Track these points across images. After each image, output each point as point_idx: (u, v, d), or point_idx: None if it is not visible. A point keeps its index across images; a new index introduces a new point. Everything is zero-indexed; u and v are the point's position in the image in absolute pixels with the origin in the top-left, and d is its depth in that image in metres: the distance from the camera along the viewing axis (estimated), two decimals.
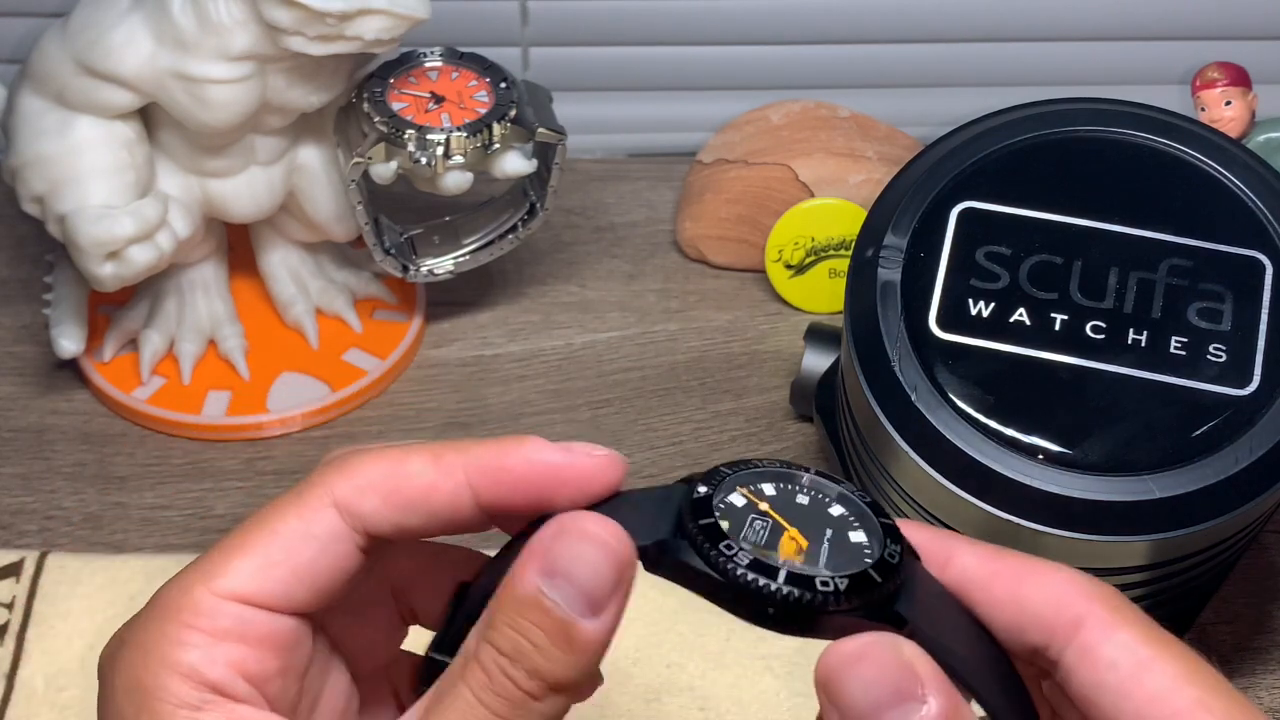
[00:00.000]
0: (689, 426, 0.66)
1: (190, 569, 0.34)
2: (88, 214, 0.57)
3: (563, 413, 0.66)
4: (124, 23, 0.57)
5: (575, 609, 0.31)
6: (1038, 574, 0.34)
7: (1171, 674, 0.32)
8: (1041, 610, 0.33)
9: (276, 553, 0.33)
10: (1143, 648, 0.32)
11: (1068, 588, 0.33)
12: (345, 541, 0.34)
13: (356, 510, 0.34)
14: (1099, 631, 0.33)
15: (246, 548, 0.34)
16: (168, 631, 0.33)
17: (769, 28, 0.76)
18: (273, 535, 0.34)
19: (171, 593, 0.34)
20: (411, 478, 0.34)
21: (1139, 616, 0.33)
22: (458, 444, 0.34)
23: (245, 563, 0.33)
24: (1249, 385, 0.50)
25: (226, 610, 0.33)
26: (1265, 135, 0.67)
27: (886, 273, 0.52)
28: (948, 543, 0.34)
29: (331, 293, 0.69)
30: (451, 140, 0.60)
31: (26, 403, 0.66)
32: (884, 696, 0.31)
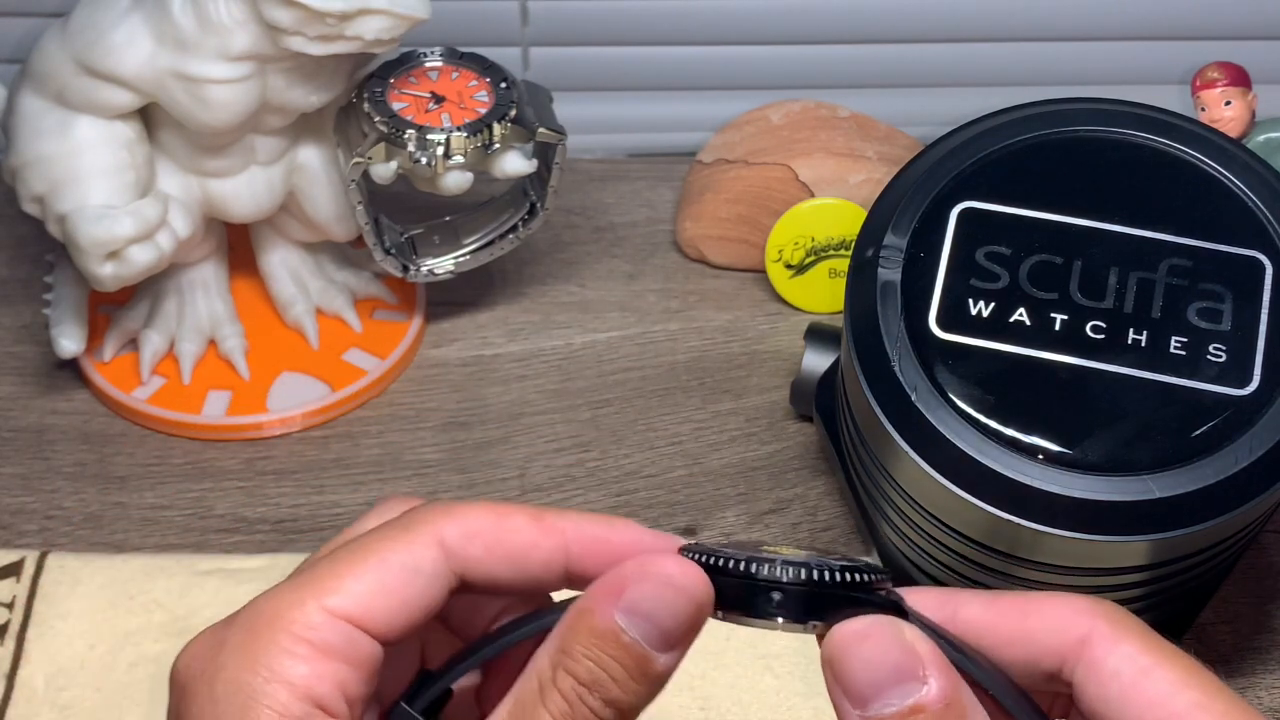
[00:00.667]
0: (689, 426, 0.66)
1: (300, 582, 0.34)
2: (88, 214, 0.57)
3: (562, 412, 0.66)
4: (124, 23, 0.57)
5: (653, 645, 0.33)
6: (1039, 605, 0.35)
7: (1170, 679, 0.33)
8: (1048, 638, 0.34)
9: (389, 581, 0.34)
10: (1143, 656, 0.33)
11: (1069, 611, 0.34)
12: (443, 582, 0.35)
13: (460, 554, 0.35)
14: (1103, 646, 0.34)
15: (358, 571, 0.34)
16: (279, 641, 0.33)
17: (769, 28, 0.76)
18: (383, 563, 0.34)
19: (281, 604, 0.34)
20: (515, 533, 0.35)
21: (1140, 628, 0.34)
22: (556, 510, 0.36)
23: (358, 585, 0.34)
24: (1249, 385, 0.50)
25: (338, 629, 0.33)
26: (1265, 135, 0.67)
27: (886, 273, 0.52)
28: (949, 598, 0.35)
29: (331, 292, 0.69)
30: (452, 140, 0.60)
31: (27, 402, 0.66)
32: (885, 675, 0.32)
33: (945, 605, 0.35)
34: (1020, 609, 0.35)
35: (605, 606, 0.33)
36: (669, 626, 0.33)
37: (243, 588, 0.58)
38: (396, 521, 0.35)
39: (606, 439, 0.65)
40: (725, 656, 0.56)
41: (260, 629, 0.33)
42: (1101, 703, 0.34)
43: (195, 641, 0.35)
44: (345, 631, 0.33)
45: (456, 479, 0.63)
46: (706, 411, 0.66)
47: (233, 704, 0.33)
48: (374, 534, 0.35)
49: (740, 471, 0.64)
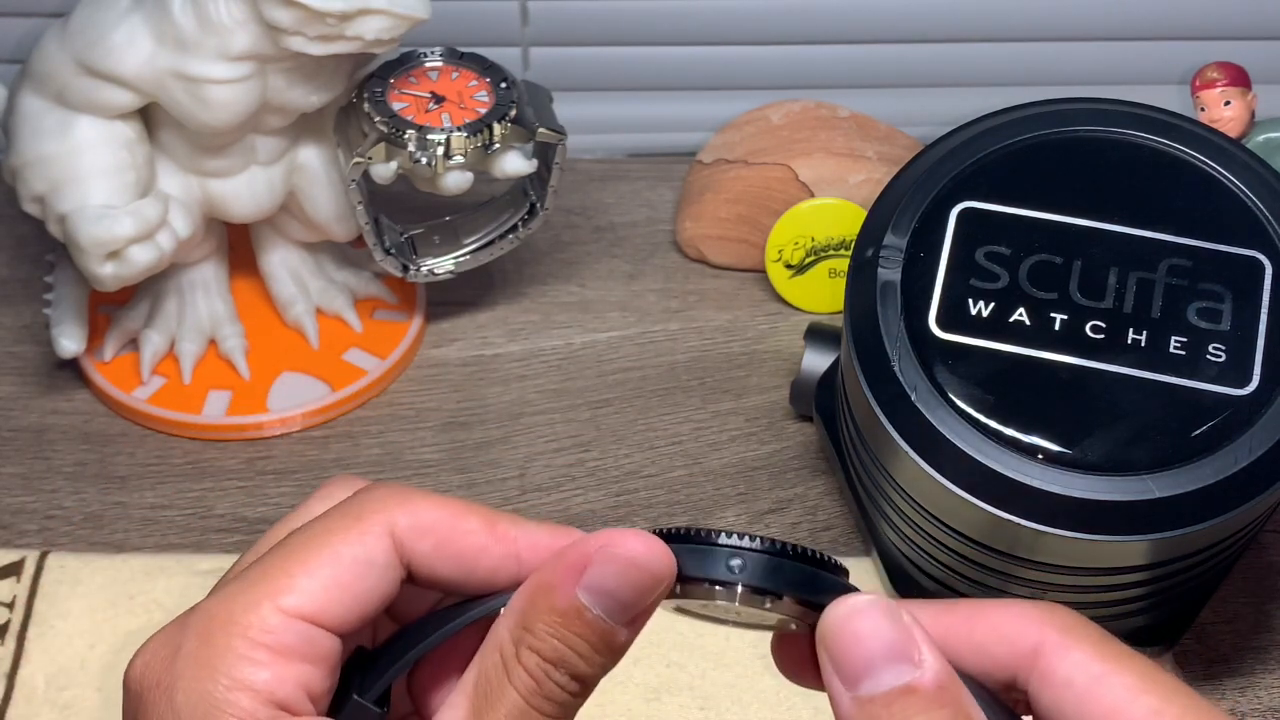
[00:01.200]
0: (689, 426, 0.66)
1: (251, 580, 0.34)
2: (88, 214, 0.57)
3: (562, 412, 0.66)
4: (124, 23, 0.57)
5: (617, 620, 0.33)
6: (989, 613, 0.34)
7: (1126, 685, 0.32)
8: (998, 649, 0.34)
9: (342, 575, 0.34)
10: (1096, 663, 0.33)
11: (1019, 620, 0.34)
12: (395, 573, 0.34)
13: (410, 548, 0.34)
14: (1055, 655, 0.33)
15: (310, 568, 0.33)
16: (236, 646, 0.33)
17: (769, 28, 0.76)
18: (335, 557, 0.34)
19: (235, 606, 0.33)
20: (467, 535, 0.35)
21: (1093, 633, 0.34)
22: (510, 516, 0.36)
23: (311, 582, 0.33)
24: (1248, 385, 0.50)
25: (294, 629, 0.33)
26: (1265, 135, 0.67)
27: (886, 273, 0.53)
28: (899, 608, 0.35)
29: (332, 292, 0.69)
30: (452, 140, 0.60)
31: (27, 402, 0.66)
32: (879, 653, 0.32)
33: None
34: (969, 620, 0.34)
35: (567, 584, 0.33)
36: (631, 601, 0.33)
37: None
38: (347, 508, 0.35)
39: (606, 439, 0.65)
40: (725, 656, 0.56)
41: (215, 634, 0.33)
42: (1057, 713, 0.33)
43: (147, 647, 0.34)
44: (302, 631, 0.33)
45: (456, 479, 0.63)
46: (706, 411, 0.66)
47: (195, 713, 0.33)
48: (324, 523, 0.34)
49: (740, 471, 0.64)
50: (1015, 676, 0.34)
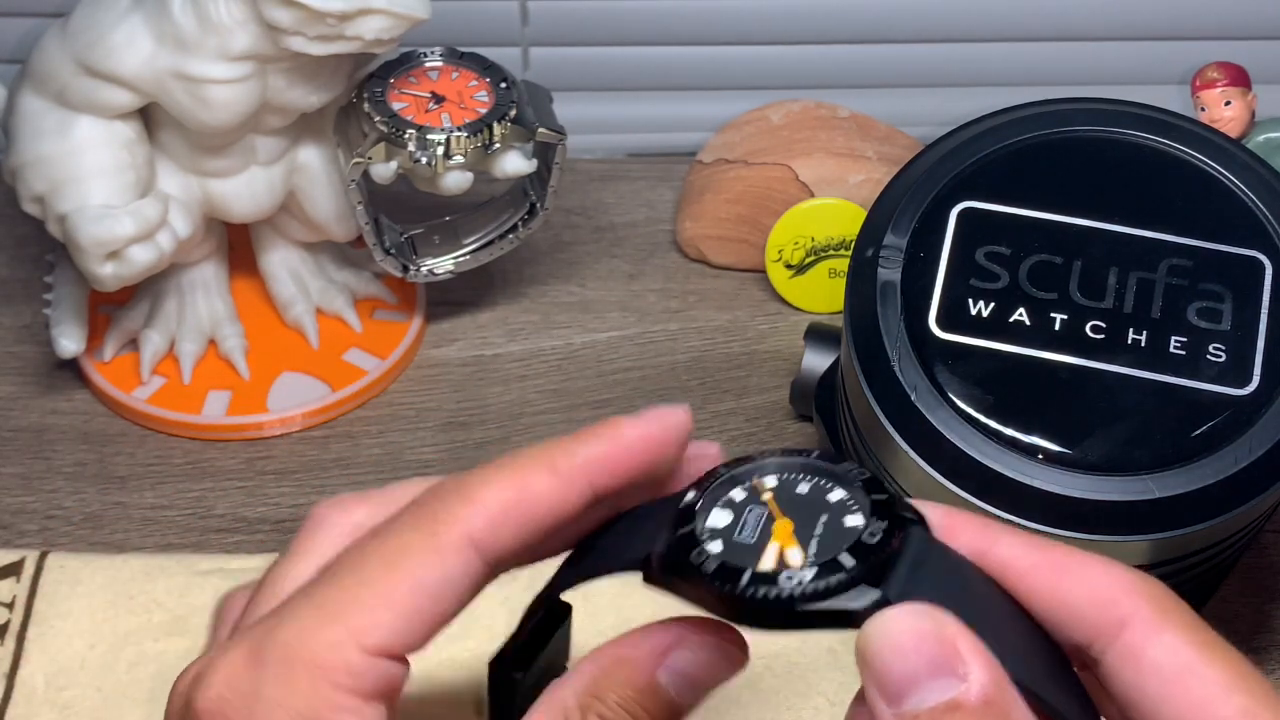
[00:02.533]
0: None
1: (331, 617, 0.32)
2: (88, 214, 0.57)
3: (563, 412, 0.66)
4: (124, 23, 0.57)
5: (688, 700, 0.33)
6: (1083, 568, 0.32)
7: (1217, 680, 0.31)
8: (1084, 607, 0.32)
9: (423, 606, 0.32)
10: (1189, 650, 0.31)
11: (1113, 584, 0.32)
12: (478, 579, 0.33)
13: (492, 546, 0.33)
14: (1144, 632, 0.31)
15: (392, 600, 0.32)
16: (323, 694, 0.31)
17: (769, 28, 0.76)
18: (417, 586, 0.32)
19: (318, 644, 0.31)
20: (540, 499, 0.33)
21: (1188, 617, 0.32)
22: (564, 447, 0.34)
23: (392, 617, 0.32)
24: (1248, 385, 0.50)
25: (376, 669, 0.31)
26: (1265, 135, 0.67)
27: (886, 273, 0.53)
28: (989, 531, 0.33)
29: (332, 292, 0.69)
30: (452, 140, 0.60)
31: (27, 402, 0.66)
32: (921, 668, 0.30)
33: (983, 536, 0.33)
34: (1060, 566, 0.32)
35: (649, 664, 0.32)
36: (710, 685, 0.33)
37: None
38: (418, 520, 0.33)
39: None
40: None
41: (299, 677, 0.31)
42: (1137, 693, 0.31)
43: (217, 677, 0.32)
44: (383, 669, 0.32)
45: None
46: (707, 412, 0.66)
47: None
48: (396, 543, 0.32)
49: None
50: (1094, 642, 0.32)
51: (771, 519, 0.33)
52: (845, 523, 0.33)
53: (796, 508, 0.34)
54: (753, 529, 0.33)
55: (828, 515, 0.33)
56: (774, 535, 0.33)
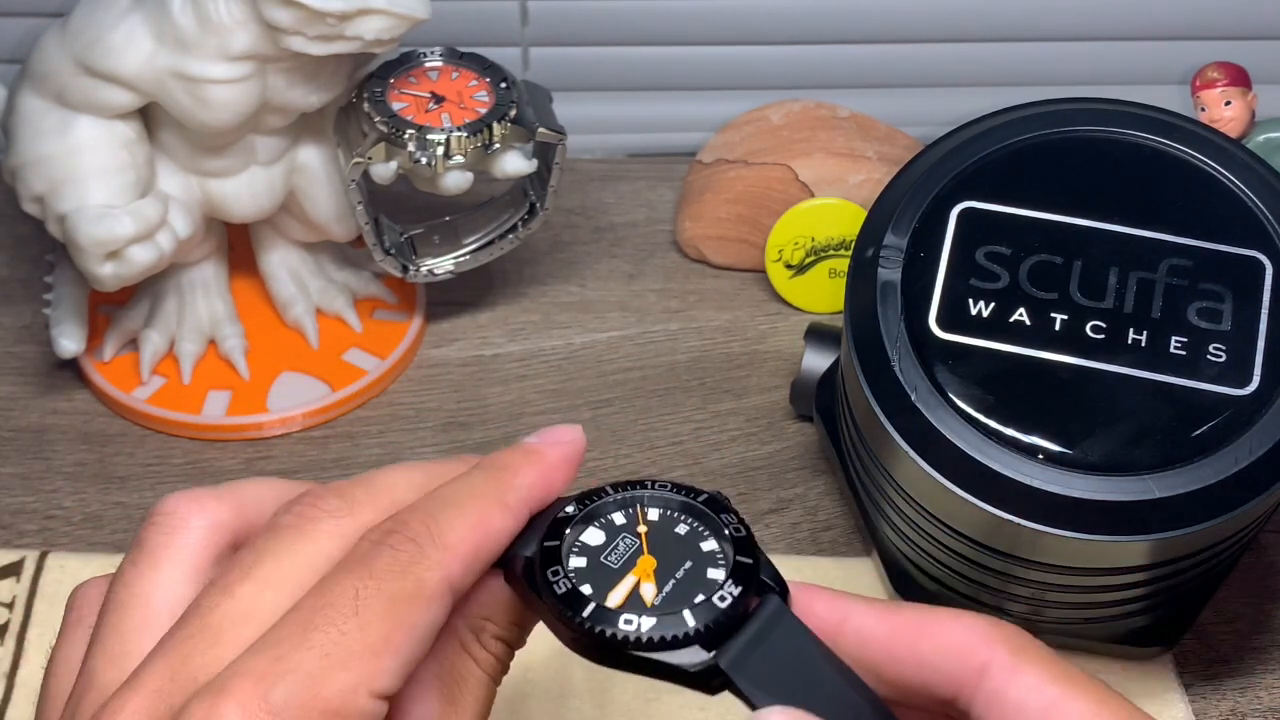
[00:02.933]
0: (689, 426, 0.66)
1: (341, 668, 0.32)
2: (88, 214, 0.57)
3: (563, 412, 0.66)
4: (124, 23, 0.57)
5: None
6: (936, 625, 0.33)
7: (1081, 713, 0.31)
8: (943, 662, 0.33)
9: (416, 651, 0.33)
10: (1049, 687, 0.32)
11: (967, 634, 0.33)
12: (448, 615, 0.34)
13: (463, 588, 0.34)
14: (1003, 676, 0.32)
15: (395, 647, 0.32)
16: None
17: (769, 28, 0.76)
18: (411, 632, 0.33)
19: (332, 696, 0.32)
20: (499, 535, 0.35)
21: (1045, 655, 0.32)
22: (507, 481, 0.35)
23: (394, 663, 0.32)
24: (1249, 385, 0.50)
25: (379, 711, 0.32)
26: (1265, 135, 0.67)
27: (886, 273, 0.52)
28: (841, 604, 0.34)
29: (331, 292, 0.69)
30: (452, 140, 0.60)
31: (27, 402, 0.66)
32: None
33: (835, 609, 0.34)
34: (915, 628, 0.33)
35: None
36: None
37: None
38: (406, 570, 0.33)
39: (607, 439, 0.65)
40: None
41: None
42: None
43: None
44: (381, 709, 0.32)
45: None
46: (706, 411, 0.66)
47: None
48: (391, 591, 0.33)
49: (740, 471, 0.64)
50: (958, 695, 0.33)
51: (640, 552, 0.34)
52: (706, 574, 0.34)
53: (666, 547, 0.34)
54: (620, 556, 0.34)
55: (692, 563, 0.34)
56: (636, 569, 0.34)
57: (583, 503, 0.35)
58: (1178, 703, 0.55)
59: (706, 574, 0.34)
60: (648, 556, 0.34)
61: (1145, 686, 0.56)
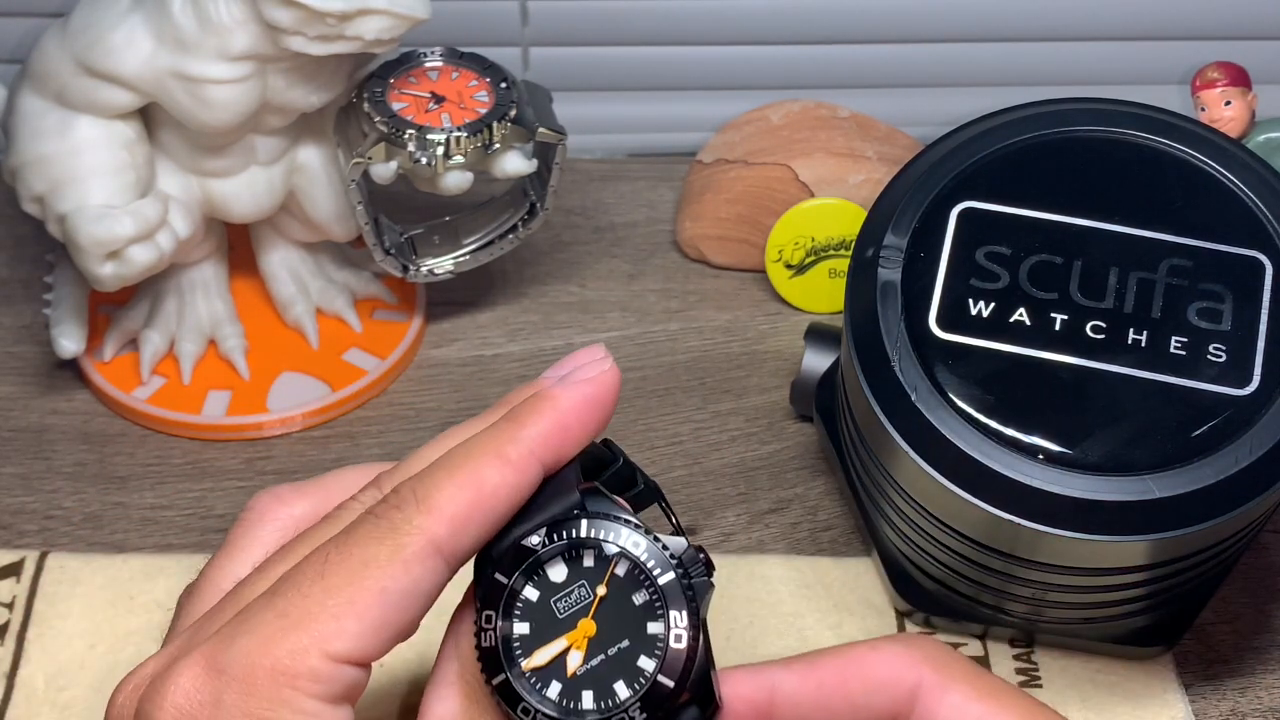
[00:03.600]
0: (689, 426, 0.66)
1: (294, 626, 0.32)
2: (88, 214, 0.57)
3: None
4: (124, 23, 0.57)
5: None
6: (859, 665, 0.33)
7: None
8: (877, 699, 0.33)
9: (389, 614, 0.32)
10: (977, 705, 0.32)
11: (892, 663, 0.33)
12: (440, 580, 0.33)
13: (455, 549, 0.33)
14: (933, 696, 0.32)
15: (359, 609, 0.32)
16: (287, 700, 0.31)
17: (769, 28, 0.76)
18: (382, 595, 0.32)
19: (281, 652, 0.31)
20: (498, 493, 0.34)
21: (969, 671, 0.33)
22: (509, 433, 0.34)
23: (357, 625, 0.32)
24: (1249, 385, 0.50)
25: (342, 675, 0.32)
26: (1265, 135, 0.67)
27: (886, 273, 0.52)
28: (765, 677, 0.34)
29: (332, 292, 0.69)
30: (452, 140, 0.60)
31: (27, 402, 0.66)
32: None
33: (761, 686, 0.34)
34: (839, 675, 0.33)
35: None
36: None
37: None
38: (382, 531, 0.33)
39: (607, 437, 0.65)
40: (725, 657, 0.56)
41: (262, 685, 0.31)
42: None
43: (173, 687, 0.32)
44: (348, 675, 0.32)
45: None
46: (706, 411, 0.66)
47: None
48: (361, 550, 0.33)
49: (740, 471, 0.64)
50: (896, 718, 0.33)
51: (585, 612, 0.34)
52: (638, 663, 0.34)
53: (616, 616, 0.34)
54: (570, 605, 0.34)
55: (629, 642, 0.34)
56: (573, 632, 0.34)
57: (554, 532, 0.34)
58: (1178, 703, 0.55)
59: (638, 661, 0.33)
60: (589, 621, 0.34)
61: (1145, 686, 0.56)
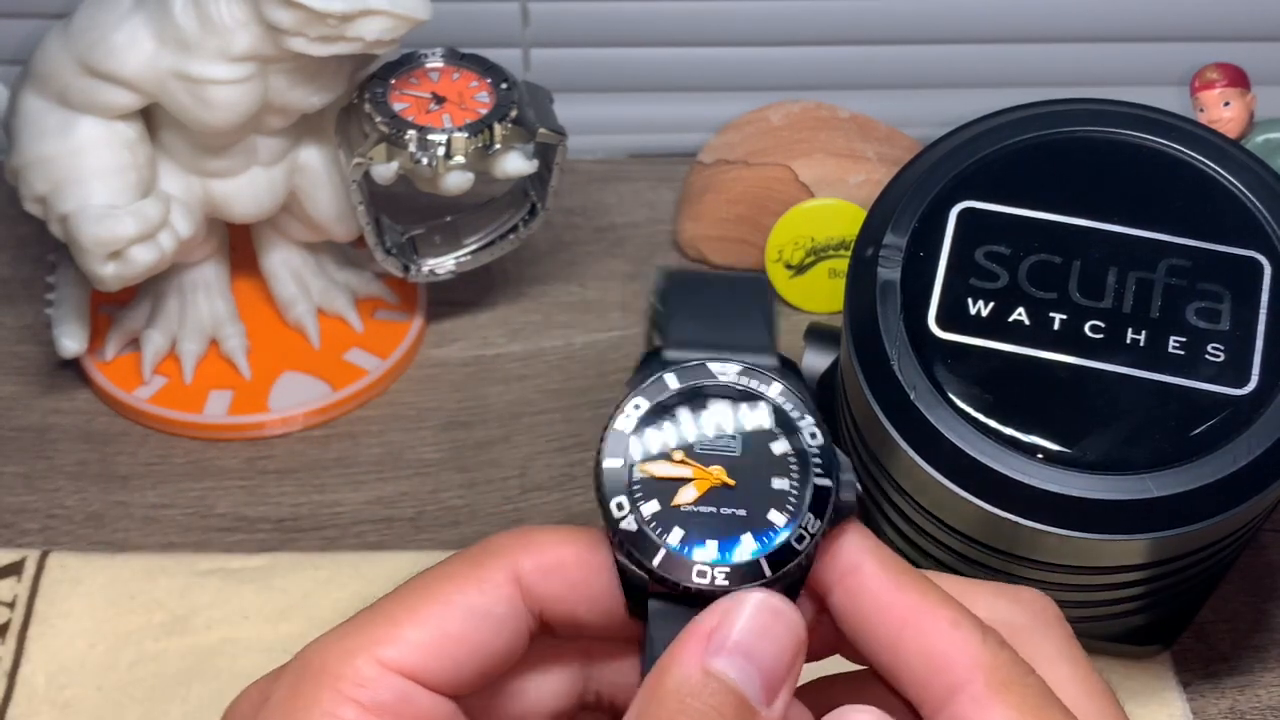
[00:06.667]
0: None
1: (351, 630, 0.30)
2: (90, 214, 0.57)
3: (563, 412, 0.66)
4: (126, 23, 0.57)
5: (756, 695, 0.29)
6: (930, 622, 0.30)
7: None
8: (916, 666, 0.30)
9: (452, 628, 0.30)
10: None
11: (952, 648, 0.30)
12: (521, 623, 0.31)
13: (539, 592, 0.31)
14: (971, 709, 0.29)
15: (420, 617, 0.30)
16: (322, 699, 0.29)
17: (769, 28, 0.76)
18: (447, 606, 0.30)
19: (330, 655, 0.30)
20: (604, 570, 0.31)
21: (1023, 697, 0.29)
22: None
23: (416, 633, 0.30)
24: (1247, 385, 0.50)
25: (390, 684, 0.29)
26: (1264, 136, 0.67)
27: (886, 272, 0.53)
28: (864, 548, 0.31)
29: (333, 292, 0.69)
30: (452, 141, 0.60)
31: (29, 402, 0.66)
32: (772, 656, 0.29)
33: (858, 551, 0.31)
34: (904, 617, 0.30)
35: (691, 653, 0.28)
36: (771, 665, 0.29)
37: (244, 587, 0.58)
38: (467, 553, 0.31)
39: None
40: None
41: (305, 684, 0.30)
42: None
43: (246, 691, 0.31)
44: (400, 688, 0.29)
45: (457, 478, 0.64)
46: None
47: None
48: (439, 570, 0.31)
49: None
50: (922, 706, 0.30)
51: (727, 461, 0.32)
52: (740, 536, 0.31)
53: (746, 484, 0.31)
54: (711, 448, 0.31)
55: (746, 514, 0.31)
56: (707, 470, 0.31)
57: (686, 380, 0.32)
58: (1176, 701, 0.56)
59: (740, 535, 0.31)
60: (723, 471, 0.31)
61: (1144, 685, 0.56)
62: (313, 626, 0.56)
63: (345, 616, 0.31)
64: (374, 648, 0.30)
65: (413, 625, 0.30)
